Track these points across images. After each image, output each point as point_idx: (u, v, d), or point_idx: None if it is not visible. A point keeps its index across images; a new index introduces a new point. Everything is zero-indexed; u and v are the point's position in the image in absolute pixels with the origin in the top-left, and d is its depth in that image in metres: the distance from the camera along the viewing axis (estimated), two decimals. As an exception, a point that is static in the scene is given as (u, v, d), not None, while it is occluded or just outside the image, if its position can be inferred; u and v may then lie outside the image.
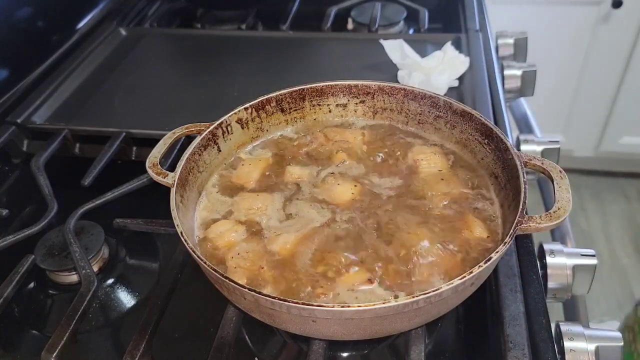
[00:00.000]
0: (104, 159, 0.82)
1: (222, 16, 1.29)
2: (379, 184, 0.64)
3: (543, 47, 1.91)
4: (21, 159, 0.90)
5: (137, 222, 0.73)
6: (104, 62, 1.08)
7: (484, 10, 1.20)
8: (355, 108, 0.74)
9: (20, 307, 0.68)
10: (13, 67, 0.98)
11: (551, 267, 0.66)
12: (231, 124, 0.68)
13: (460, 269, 0.54)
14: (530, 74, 1.05)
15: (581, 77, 2.17)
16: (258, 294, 0.46)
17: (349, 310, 0.45)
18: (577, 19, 2.01)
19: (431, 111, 0.70)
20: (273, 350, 0.62)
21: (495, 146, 0.62)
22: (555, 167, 0.58)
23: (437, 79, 0.91)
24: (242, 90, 0.97)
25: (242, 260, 0.55)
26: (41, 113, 0.92)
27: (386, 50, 1.00)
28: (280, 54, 1.09)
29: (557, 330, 0.59)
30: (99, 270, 0.70)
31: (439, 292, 0.46)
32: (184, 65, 1.12)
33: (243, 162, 0.69)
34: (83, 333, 0.64)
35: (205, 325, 0.63)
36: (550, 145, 0.87)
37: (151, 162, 0.62)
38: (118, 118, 0.91)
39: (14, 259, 0.68)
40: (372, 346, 0.61)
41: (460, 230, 0.57)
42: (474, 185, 0.63)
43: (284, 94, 0.72)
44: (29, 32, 1.02)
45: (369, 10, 1.23)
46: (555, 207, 0.53)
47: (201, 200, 0.64)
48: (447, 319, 0.63)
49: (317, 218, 0.60)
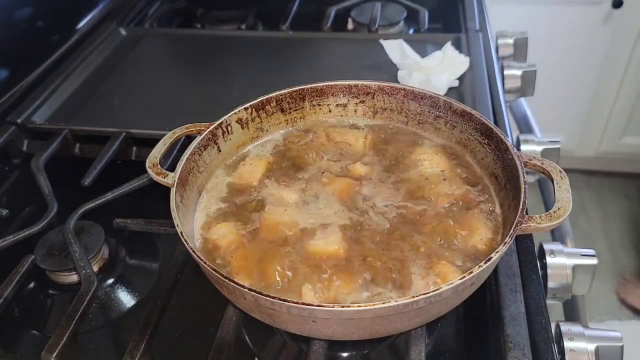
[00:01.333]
0: (104, 159, 0.82)
1: (222, 16, 1.29)
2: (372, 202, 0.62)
3: (543, 47, 1.91)
4: (21, 159, 0.90)
5: (137, 222, 0.73)
6: (104, 62, 1.08)
7: (484, 10, 1.20)
8: (355, 108, 0.74)
9: (20, 307, 0.68)
10: (13, 67, 0.98)
11: (551, 267, 0.66)
12: (231, 124, 0.68)
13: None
14: (530, 74, 1.05)
15: (581, 77, 2.17)
16: (258, 294, 0.46)
17: (349, 310, 0.45)
18: (577, 19, 2.01)
19: (431, 111, 0.70)
20: (273, 350, 0.62)
21: (495, 146, 0.62)
22: (555, 167, 0.58)
23: (437, 79, 0.91)
24: (242, 90, 0.97)
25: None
26: (41, 113, 0.92)
27: (386, 50, 1.00)
28: (280, 54, 1.09)
29: (557, 330, 0.59)
30: (99, 270, 0.70)
31: (439, 292, 0.46)
32: (184, 65, 1.12)
33: (244, 162, 0.69)
34: (83, 333, 0.64)
35: (205, 325, 0.63)
36: (550, 145, 0.87)
37: (151, 162, 0.62)
38: (118, 118, 0.91)
39: (14, 259, 0.68)
40: (372, 346, 0.61)
41: (461, 230, 0.57)
42: (475, 185, 0.63)
43: (284, 94, 0.72)
44: (29, 32, 1.02)
45: (369, 10, 1.23)
46: (555, 207, 0.53)
47: (201, 201, 0.64)
48: (447, 319, 0.63)
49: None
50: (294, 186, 0.65)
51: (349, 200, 0.62)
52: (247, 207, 0.63)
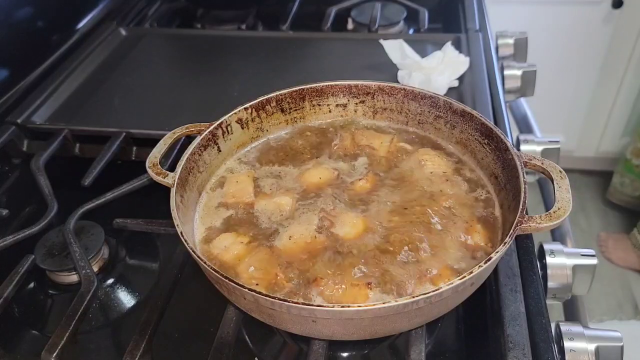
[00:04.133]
0: (104, 159, 0.82)
1: (222, 16, 1.29)
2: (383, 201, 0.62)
3: (543, 47, 1.91)
4: (21, 159, 0.90)
5: (137, 222, 0.73)
6: (104, 62, 1.07)
7: (484, 10, 1.20)
8: (355, 108, 0.74)
9: (20, 307, 0.68)
10: (13, 67, 0.98)
11: (551, 267, 0.66)
12: (231, 124, 0.68)
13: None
14: (530, 74, 1.05)
15: (581, 77, 2.17)
16: (258, 294, 0.46)
17: (349, 310, 0.45)
18: (577, 19, 2.01)
19: (431, 111, 0.70)
20: (273, 350, 0.62)
21: (495, 146, 0.62)
22: (555, 167, 0.58)
23: (437, 79, 0.91)
24: (242, 90, 0.97)
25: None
26: (41, 113, 0.92)
27: (386, 50, 1.00)
28: (280, 54, 1.09)
29: (557, 330, 0.60)
30: (99, 270, 0.70)
31: (439, 292, 0.46)
32: (184, 65, 1.12)
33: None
34: (83, 333, 0.64)
35: (205, 325, 0.63)
36: (550, 145, 0.87)
37: (151, 162, 0.62)
38: (118, 118, 0.91)
39: (14, 259, 0.68)
40: (372, 346, 0.61)
41: (461, 230, 0.57)
42: (475, 185, 0.63)
43: (284, 94, 0.72)
44: (29, 32, 1.02)
45: (369, 10, 1.23)
46: (555, 207, 0.53)
47: (201, 201, 0.64)
48: (447, 319, 0.63)
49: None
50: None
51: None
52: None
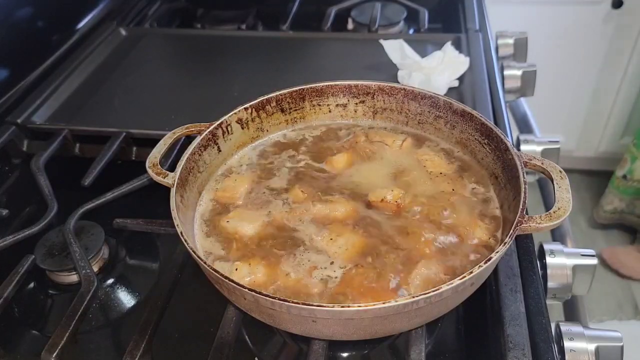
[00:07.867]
0: (104, 159, 0.82)
1: (222, 16, 1.29)
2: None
3: (543, 47, 1.91)
4: (21, 159, 0.90)
5: (137, 222, 0.73)
6: (104, 62, 1.07)
7: (484, 10, 1.20)
8: (355, 108, 0.74)
9: (20, 307, 0.68)
10: (13, 67, 0.98)
11: (551, 267, 0.66)
12: (231, 124, 0.68)
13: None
14: (530, 74, 1.05)
15: (581, 77, 2.17)
16: (258, 294, 0.46)
17: (349, 310, 0.45)
18: (577, 19, 2.01)
19: (431, 111, 0.70)
20: (273, 350, 0.62)
21: (495, 146, 0.62)
22: (555, 167, 0.58)
23: (437, 79, 0.91)
24: (242, 90, 0.97)
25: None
26: (41, 113, 0.92)
27: (386, 50, 1.00)
28: (280, 54, 1.09)
29: (557, 330, 0.60)
30: (99, 270, 0.70)
31: (439, 292, 0.46)
32: (184, 65, 1.12)
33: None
34: (83, 333, 0.64)
35: (205, 325, 0.63)
36: (550, 145, 0.87)
37: (151, 162, 0.62)
38: (118, 118, 0.91)
39: (14, 259, 0.68)
40: (372, 346, 0.61)
41: (462, 230, 0.57)
42: (475, 185, 0.63)
43: (284, 94, 0.72)
44: (29, 32, 1.02)
45: (369, 10, 1.22)
46: (555, 207, 0.53)
47: (201, 201, 0.64)
48: (447, 319, 0.63)
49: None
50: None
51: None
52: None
